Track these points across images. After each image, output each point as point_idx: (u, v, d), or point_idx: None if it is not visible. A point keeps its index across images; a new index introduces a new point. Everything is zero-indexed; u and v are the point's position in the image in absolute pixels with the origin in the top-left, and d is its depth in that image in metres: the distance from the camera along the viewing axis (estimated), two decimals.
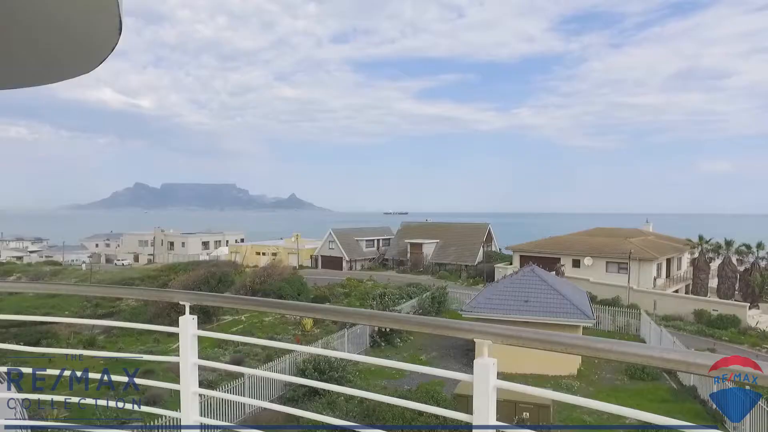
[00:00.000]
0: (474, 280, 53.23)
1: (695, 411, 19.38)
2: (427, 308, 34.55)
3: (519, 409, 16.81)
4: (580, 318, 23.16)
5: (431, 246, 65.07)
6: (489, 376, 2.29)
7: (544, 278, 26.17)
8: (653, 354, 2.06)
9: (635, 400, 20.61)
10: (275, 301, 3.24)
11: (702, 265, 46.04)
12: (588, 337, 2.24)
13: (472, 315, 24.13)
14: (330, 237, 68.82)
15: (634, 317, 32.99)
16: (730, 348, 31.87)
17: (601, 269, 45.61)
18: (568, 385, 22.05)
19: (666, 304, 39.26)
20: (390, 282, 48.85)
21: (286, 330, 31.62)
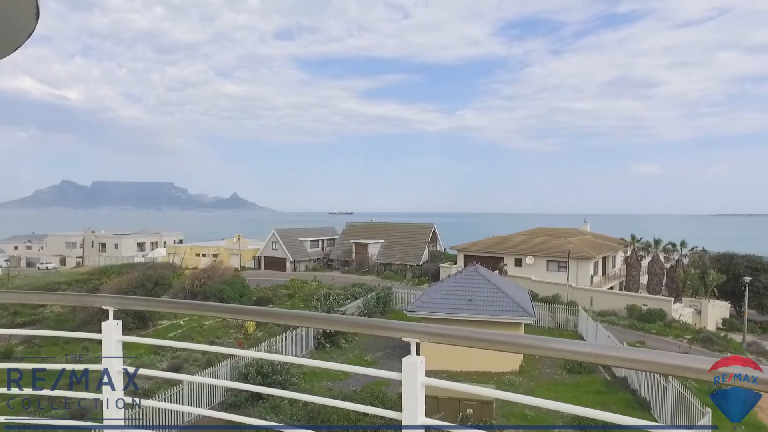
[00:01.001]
0: (419, 280, 53.70)
1: (626, 400, 20.32)
2: (372, 308, 34.44)
3: (463, 406, 17.00)
4: (521, 315, 23.72)
5: (376, 246, 65.15)
6: (417, 374, 2.35)
7: (487, 277, 26.63)
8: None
9: (573, 393, 21.36)
10: (201, 303, 3.01)
11: (634, 263, 48.55)
12: (512, 334, 2.34)
13: (416, 314, 24.22)
14: (273, 237, 67.55)
15: (573, 314, 34.24)
16: (657, 340, 33.73)
17: (542, 268, 47.14)
18: (510, 380, 22.54)
19: (602, 301, 41.11)
20: (335, 283, 48.47)
21: (228, 333, 30.64)
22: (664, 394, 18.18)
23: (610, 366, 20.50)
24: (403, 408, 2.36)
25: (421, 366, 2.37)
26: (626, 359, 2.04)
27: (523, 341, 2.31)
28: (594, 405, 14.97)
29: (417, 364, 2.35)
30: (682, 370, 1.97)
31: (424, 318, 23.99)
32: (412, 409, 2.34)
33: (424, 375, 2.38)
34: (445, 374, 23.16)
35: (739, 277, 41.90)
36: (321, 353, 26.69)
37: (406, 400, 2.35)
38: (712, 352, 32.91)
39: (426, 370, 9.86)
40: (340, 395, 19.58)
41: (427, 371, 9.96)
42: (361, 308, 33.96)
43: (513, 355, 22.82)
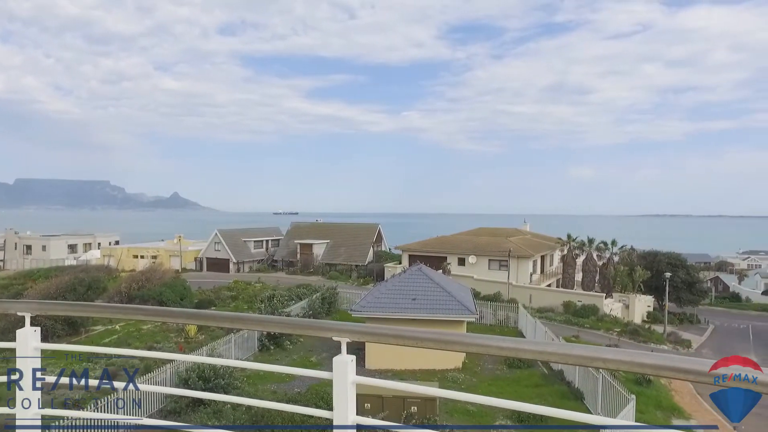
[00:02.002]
0: (364, 280, 53.87)
1: (562, 391, 21.28)
2: (317, 309, 34.29)
3: (407, 404, 17.27)
4: (464, 313, 24.31)
5: (322, 246, 64.82)
6: (347, 373, 2.37)
7: (430, 276, 27.12)
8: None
9: (513, 387, 22.12)
10: (127, 307, 2.96)
11: (570, 261, 50.79)
12: (438, 331, 2.40)
13: (361, 314, 24.34)
14: (216, 238, 65.83)
15: (513, 311, 35.41)
16: (591, 334, 35.51)
17: (484, 267, 48.44)
18: (453, 377, 23.05)
19: (540, 298, 42.78)
20: (279, 284, 47.84)
21: (168, 338, 29.62)
22: (596, 384, 19.20)
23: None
24: (335, 407, 2.37)
25: (351, 365, 2.39)
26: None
27: (449, 338, 2.34)
28: (533, 397, 15.60)
29: (347, 363, 2.37)
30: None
31: (368, 318, 24.14)
32: (343, 408, 2.36)
33: (354, 374, 2.40)
34: (390, 373, 23.42)
35: (662, 273, 44.85)
36: (265, 355, 26.31)
37: (337, 399, 2.37)
38: (638, 343, 35.04)
39: (372, 369, 10.14)
40: (285, 397, 19.42)
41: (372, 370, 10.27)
42: (306, 309, 33.71)
43: (456, 353, 23.38)
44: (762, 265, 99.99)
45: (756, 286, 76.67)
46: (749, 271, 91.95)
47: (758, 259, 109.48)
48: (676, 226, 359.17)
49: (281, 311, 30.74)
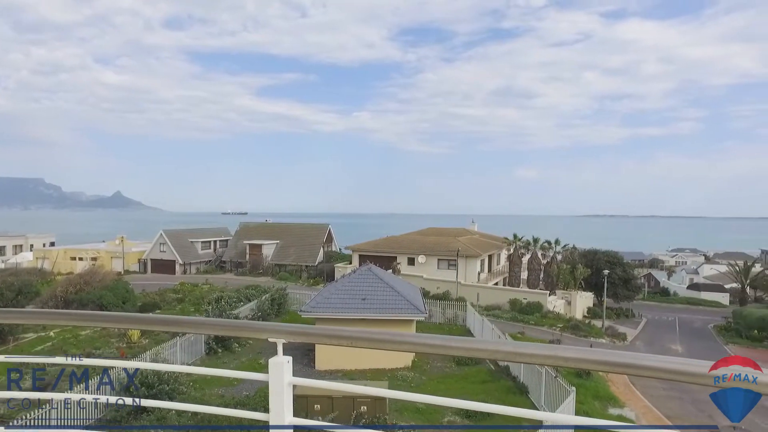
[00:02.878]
0: (314, 280, 53.58)
1: (508, 387, 21.99)
2: (266, 310, 33.84)
3: (357, 403, 17.36)
4: (413, 313, 24.66)
5: (271, 247, 63.97)
6: (283, 374, 2.37)
7: (380, 276, 27.33)
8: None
9: (461, 384, 22.64)
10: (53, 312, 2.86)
11: (516, 260, 52.36)
12: (372, 330, 2.46)
13: (311, 315, 24.25)
14: (161, 239, 63.65)
15: (462, 309, 36.16)
16: (536, 330, 36.78)
17: (433, 266, 49.18)
18: (403, 376, 23.32)
19: (488, 296, 43.88)
20: (228, 285, 46.86)
21: (109, 343, 28.42)
22: (539, 379, 19.97)
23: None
24: (270, 409, 2.37)
25: (287, 366, 2.40)
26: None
27: (380, 337, 2.36)
28: (480, 393, 16.00)
29: (283, 364, 2.38)
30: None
31: (318, 318, 24.09)
32: (279, 409, 2.36)
33: (291, 375, 2.41)
34: (340, 373, 23.44)
35: (601, 271, 47.09)
36: (212, 359, 25.74)
37: (273, 400, 2.38)
38: (578, 337, 36.62)
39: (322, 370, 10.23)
40: (233, 401, 19.10)
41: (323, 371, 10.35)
42: (254, 310, 33.21)
43: (406, 352, 23.66)
44: (688, 261, 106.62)
45: (682, 281, 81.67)
46: (677, 268, 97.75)
47: (684, 256, 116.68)
48: (614, 225, 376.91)
49: (229, 313, 30.15)
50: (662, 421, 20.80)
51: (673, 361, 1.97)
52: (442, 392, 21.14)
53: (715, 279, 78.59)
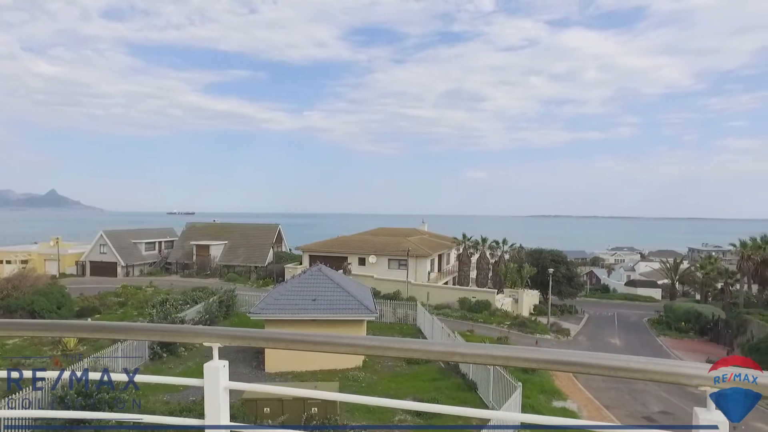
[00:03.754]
0: (264, 282, 52.75)
1: (458, 384, 22.38)
2: (214, 312, 33.01)
3: (308, 405, 17.22)
4: (363, 313, 24.70)
5: (219, 247, 62.51)
6: (219, 379, 2.35)
7: (330, 277, 27.21)
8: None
9: (412, 383, 22.86)
10: None
11: (465, 259, 53.42)
12: (310, 333, 2.48)
13: (260, 317, 23.86)
14: (101, 240, 60.90)
15: (412, 308, 36.52)
16: (484, 327, 37.66)
17: (383, 266, 49.41)
18: (354, 376, 23.31)
19: (438, 295, 44.52)
20: (173, 287, 45.37)
21: (41, 352, 26.87)
22: (488, 375, 20.45)
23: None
24: (206, 414, 2.33)
25: (224, 370, 2.37)
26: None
27: (317, 339, 2.37)
28: (430, 391, 16.17)
29: (219, 368, 2.35)
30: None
31: (267, 320, 23.74)
32: (214, 414, 2.32)
33: (227, 379, 2.37)
34: (291, 375, 23.18)
35: (546, 269, 48.81)
36: (157, 364, 24.83)
37: (209, 405, 2.33)
38: (525, 334, 37.77)
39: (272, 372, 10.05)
40: (178, 407, 18.50)
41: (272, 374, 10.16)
42: (201, 313, 32.32)
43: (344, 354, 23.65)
44: (625, 259, 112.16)
45: (621, 278, 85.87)
46: (616, 265, 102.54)
47: (622, 255, 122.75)
48: (558, 225, 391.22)
49: (175, 317, 29.19)
50: (601, 410, 21.79)
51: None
52: (394, 391, 21.29)
53: (650, 276, 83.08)
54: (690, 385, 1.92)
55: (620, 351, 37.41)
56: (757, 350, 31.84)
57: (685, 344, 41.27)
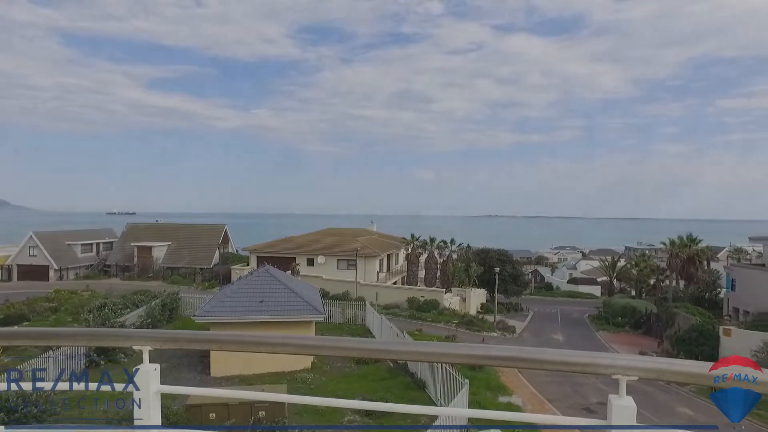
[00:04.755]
0: (210, 284, 51.37)
1: (406, 383, 22.56)
2: (157, 316, 31.81)
3: (255, 409, 16.90)
4: (311, 314, 24.49)
5: (162, 249, 60.36)
6: (149, 382, 2.32)
7: (278, 278, 26.83)
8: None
9: (361, 383, 22.85)
10: None
11: (413, 259, 53.96)
12: (241, 333, 2.46)
13: (205, 320, 23.24)
14: (31, 242, 57.42)
15: (361, 309, 36.52)
16: (433, 326, 38.18)
17: (332, 266, 49.18)
18: (303, 378, 23.07)
19: (387, 295, 44.74)
20: (112, 291, 43.40)
21: None
22: (436, 373, 20.73)
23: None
24: (135, 420, 2.30)
25: (155, 374, 2.34)
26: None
27: (251, 339, 2.34)
28: (379, 391, 16.18)
29: (150, 372, 2.32)
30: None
31: (213, 323, 23.14)
32: (145, 419, 2.29)
33: (158, 383, 2.34)
34: (237, 379, 22.66)
35: (492, 268, 50.03)
36: (94, 372, 23.65)
37: (139, 411, 2.30)
38: (472, 332, 38.58)
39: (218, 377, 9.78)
40: (117, 415, 17.69)
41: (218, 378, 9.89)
42: (143, 317, 31.09)
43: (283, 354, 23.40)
44: (568, 258, 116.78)
45: (563, 276, 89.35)
46: (559, 264, 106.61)
47: (565, 254, 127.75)
48: (505, 225, 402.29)
49: (113, 321, 27.90)
50: (544, 404, 22.57)
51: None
52: (343, 392, 21.21)
53: (590, 273, 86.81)
54: (606, 374, 2.02)
55: (562, 346, 38.87)
56: (682, 341, 33.91)
57: (621, 338, 43.37)
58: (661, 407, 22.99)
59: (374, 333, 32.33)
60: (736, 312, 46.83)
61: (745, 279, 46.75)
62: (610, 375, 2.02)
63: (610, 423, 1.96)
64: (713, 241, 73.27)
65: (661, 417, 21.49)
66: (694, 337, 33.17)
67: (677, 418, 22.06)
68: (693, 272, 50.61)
